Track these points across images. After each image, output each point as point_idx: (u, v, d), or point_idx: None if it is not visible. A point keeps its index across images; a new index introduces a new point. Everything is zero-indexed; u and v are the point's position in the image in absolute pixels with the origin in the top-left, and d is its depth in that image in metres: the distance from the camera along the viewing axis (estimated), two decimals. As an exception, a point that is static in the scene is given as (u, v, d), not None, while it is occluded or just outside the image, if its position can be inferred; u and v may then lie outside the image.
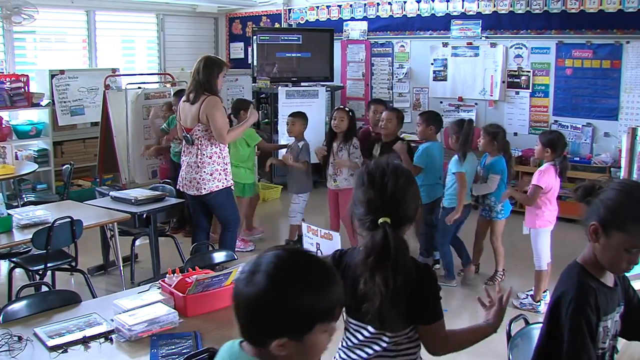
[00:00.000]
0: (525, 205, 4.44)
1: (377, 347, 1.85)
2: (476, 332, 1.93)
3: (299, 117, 5.54)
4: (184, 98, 4.55)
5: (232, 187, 4.65)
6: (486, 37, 7.27)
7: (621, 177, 4.76)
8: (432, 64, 7.76)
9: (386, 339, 1.83)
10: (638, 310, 1.93)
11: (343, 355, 1.94)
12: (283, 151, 6.16)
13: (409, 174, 1.88)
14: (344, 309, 1.78)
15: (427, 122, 5.03)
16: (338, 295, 1.34)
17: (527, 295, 4.51)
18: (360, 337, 1.87)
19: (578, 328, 1.66)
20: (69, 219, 4.00)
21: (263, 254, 1.36)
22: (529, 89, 7.05)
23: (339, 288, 1.35)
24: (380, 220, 1.74)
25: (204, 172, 4.44)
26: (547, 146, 4.29)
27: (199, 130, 4.42)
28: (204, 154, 4.44)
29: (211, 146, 4.44)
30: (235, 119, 5.59)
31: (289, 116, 5.62)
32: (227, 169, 4.54)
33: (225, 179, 4.52)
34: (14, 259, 4.34)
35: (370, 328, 1.83)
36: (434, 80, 7.77)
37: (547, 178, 4.25)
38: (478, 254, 5.09)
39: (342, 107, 5.45)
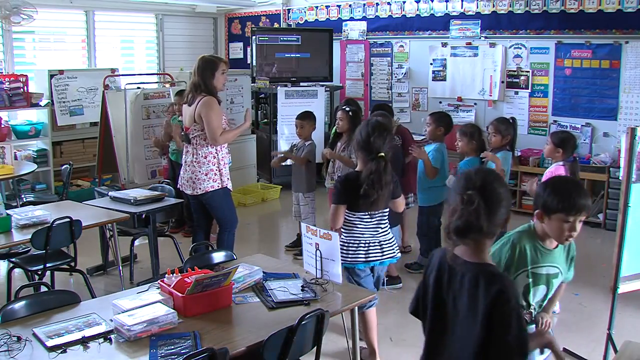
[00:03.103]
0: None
1: (374, 221, 3.40)
2: None
3: (308, 119, 5.41)
4: (184, 100, 4.58)
5: (230, 188, 4.64)
6: (485, 37, 7.27)
7: (620, 177, 4.77)
8: (431, 64, 7.76)
9: (377, 215, 3.40)
10: None
11: (350, 238, 3.39)
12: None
13: (388, 127, 3.45)
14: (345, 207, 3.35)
15: (437, 123, 5.00)
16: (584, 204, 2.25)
17: None
18: (365, 220, 3.37)
19: (520, 320, 1.86)
20: (68, 219, 4.00)
21: None
22: (528, 89, 7.06)
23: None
24: (380, 155, 3.27)
25: (200, 171, 4.45)
26: (559, 146, 4.23)
27: (194, 130, 4.44)
28: (199, 154, 4.45)
29: (206, 146, 4.44)
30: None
31: (297, 118, 5.42)
32: (223, 169, 4.53)
33: (221, 179, 4.51)
34: (13, 259, 4.34)
35: (370, 212, 3.36)
36: (433, 80, 7.77)
37: None
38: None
39: (343, 107, 5.42)
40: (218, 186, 4.50)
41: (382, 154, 3.27)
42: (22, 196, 6.54)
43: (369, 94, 8.40)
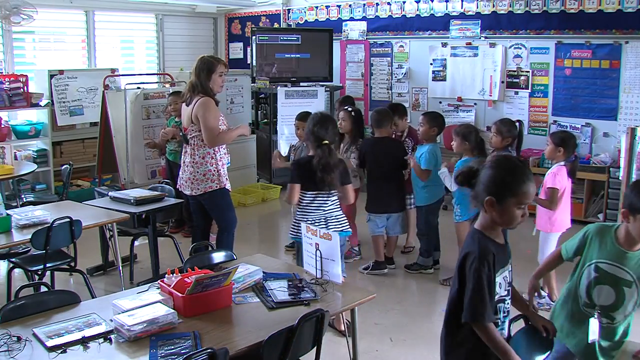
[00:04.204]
0: (548, 209, 4.24)
1: (328, 201, 3.85)
2: None
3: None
4: (182, 99, 4.60)
5: (228, 189, 4.64)
6: (485, 37, 7.27)
7: (620, 177, 4.76)
8: (431, 64, 7.76)
9: (332, 196, 3.86)
10: None
11: (300, 215, 3.85)
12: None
13: (331, 118, 3.98)
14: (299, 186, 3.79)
15: (430, 123, 4.98)
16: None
17: (545, 295, 4.44)
18: (314, 199, 3.82)
19: (479, 280, 2.06)
20: (68, 219, 4.00)
21: None
22: (528, 89, 7.06)
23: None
24: (324, 142, 3.75)
25: (198, 172, 4.45)
26: (560, 145, 4.22)
27: (192, 130, 4.44)
28: (197, 155, 4.45)
29: (204, 147, 4.43)
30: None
31: (297, 119, 5.34)
32: (221, 170, 4.53)
33: (219, 180, 4.51)
34: (13, 259, 4.33)
35: (319, 192, 3.81)
36: (433, 80, 7.77)
37: (560, 179, 4.19)
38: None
39: (345, 107, 5.39)
40: (216, 187, 4.50)
41: (326, 141, 3.76)
42: (22, 196, 6.54)
43: (369, 94, 8.40)
